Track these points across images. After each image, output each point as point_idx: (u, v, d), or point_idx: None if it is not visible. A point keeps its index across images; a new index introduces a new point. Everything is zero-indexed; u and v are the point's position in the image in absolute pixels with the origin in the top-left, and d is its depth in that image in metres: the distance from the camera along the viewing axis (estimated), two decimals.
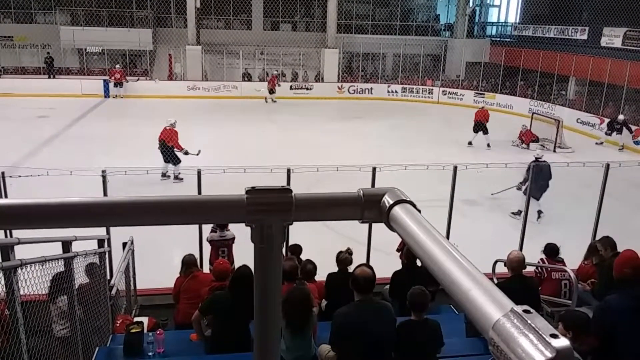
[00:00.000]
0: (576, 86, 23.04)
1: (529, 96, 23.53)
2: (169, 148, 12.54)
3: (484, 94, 25.02)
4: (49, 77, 24.92)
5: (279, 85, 24.23)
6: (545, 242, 6.41)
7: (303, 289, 4.43)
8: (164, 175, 12.65)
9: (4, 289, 3.13)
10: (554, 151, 16.85)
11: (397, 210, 0.82)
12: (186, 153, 12.48)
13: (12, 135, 16.24)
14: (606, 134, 18.30)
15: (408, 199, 0.85)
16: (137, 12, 26.60)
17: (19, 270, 3.21)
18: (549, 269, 6.11)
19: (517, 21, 29.49)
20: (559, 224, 9.55)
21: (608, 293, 5.12)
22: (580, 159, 10.14)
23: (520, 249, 7.14)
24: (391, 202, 0.85)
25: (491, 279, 6.21)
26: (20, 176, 7.29)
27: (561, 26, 23.99)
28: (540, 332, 0.48)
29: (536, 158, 10.66)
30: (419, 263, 5.24)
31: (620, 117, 18.08)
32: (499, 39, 28.94)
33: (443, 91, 25.89)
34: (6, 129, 17.20)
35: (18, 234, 3.54)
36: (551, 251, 6.27)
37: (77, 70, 25.97)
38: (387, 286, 6.08)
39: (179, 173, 12.52)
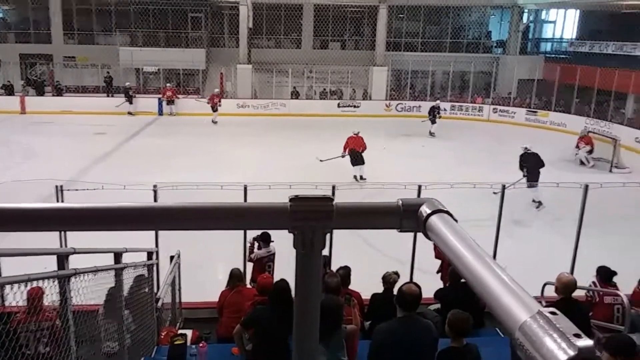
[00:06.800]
0: (635, 104, 22.22)
1: (585, 114, 22.81)
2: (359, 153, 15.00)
3: (536, 112, 24.45)
4: (108, 96, 26.05)
5: (220, 105, 23.52)
6: (597, 265, 6.17)
7: (334, 299, 4.44)
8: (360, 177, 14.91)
9: (56, 298, 3.25)
10: (610, 171, 16.25)
11: (434, 220, 0.84)
12: (343, 156, 15.20)
13: (71, 151, 17.04)
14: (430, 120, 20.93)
15: (445, 209, 0.87)
16: (192, 33, 27.56)
17: (72, 279, 3.33)
18: (601, 293, 5.86)
19: (574, 37, 28.73)
20: (613, 246, 9.17)
21: None
22: (638, 180, 9.75)
23: (572, 271, 6.90)
24: (428, 211, 0.87)
25: (540, 302, 6.05)
26: (77, 190, 7.63)
27: (620, 42, 23.24)
28: (564, 332, 0.50)
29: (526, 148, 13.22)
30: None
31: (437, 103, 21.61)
32: (553, 55, 28.24)
33: (494, 109, 25.45)
34: (65, 144, 18.07)
35: (71, 244, 3.71)
36: (605, 274, 6.01)
37: (134, 89, 27.05)
38: (430, 306, 6.00)
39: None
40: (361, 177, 14.83)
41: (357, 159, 14.94)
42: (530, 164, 12.83)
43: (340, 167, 14.67)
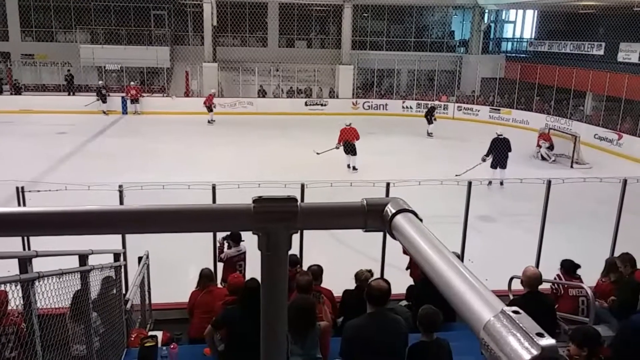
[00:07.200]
0: (593, 101, 22.87)
1: (545, 112, 23.39)
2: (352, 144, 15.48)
3: (499, 110, 24.94)
4: (69, 94, 25.41)
5: (215, 106, 22.92)
6: (562, 259, 6.32)
7: (307, 299, 4.43)
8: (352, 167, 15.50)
9: (22, 302, 3.16)
10: (571, 167, 16.69)
11: (399, 219, 0.84)
12: (338, 147, 15.61)
13: (32, 151, 16.54)
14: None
15: (410, 209, 0.87)
16: (155, 31, 27.11)
17: (37, 283, 3.24)
18: (566, 285, 6.01)
19: (533, 37, 29.44)
20: (576, 240, 9.43)
21: (627, 310, 5.06)
22: (598, 175, 10.04)
23: (537, 265, 7.05)
24: (393, 211, 0.87)
25: (507, 296, 6.16)
26: (39, 191, 7.41)
27: (577, 42, 23.91)
28: (527, 331, 0.50)
29: (498, 133, 14.58)
30: None
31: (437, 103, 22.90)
32: (514, 54, 28.89)
33: (458, 107, 25.85)
34: (26, 145, 17.55)
35: (35, 247, 3.60)
36: (569, 267, 6.16)
37: (107, 88, 26.41)
38: (402, 302, 6.06)
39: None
40: (353, 168, 15.39)
41: (349, 149, 15.51)
42: (500, 149, 14.23)
43: (312, 165, 14.66)
